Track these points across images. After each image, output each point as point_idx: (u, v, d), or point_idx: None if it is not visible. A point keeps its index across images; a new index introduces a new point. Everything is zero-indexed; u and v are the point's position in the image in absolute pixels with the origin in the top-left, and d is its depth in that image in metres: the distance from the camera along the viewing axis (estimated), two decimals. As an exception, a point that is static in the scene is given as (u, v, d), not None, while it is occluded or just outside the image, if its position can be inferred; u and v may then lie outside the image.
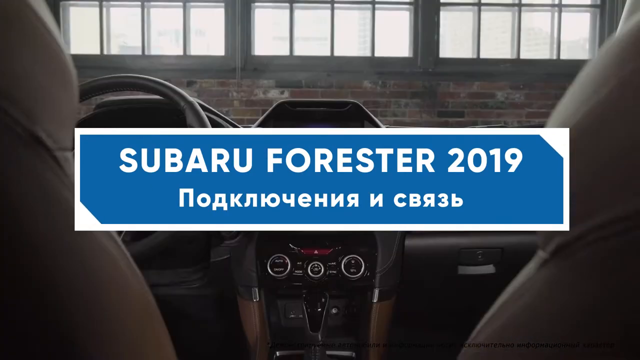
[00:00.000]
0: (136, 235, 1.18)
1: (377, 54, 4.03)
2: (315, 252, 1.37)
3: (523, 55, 4.10)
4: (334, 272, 1.36)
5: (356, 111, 1.63)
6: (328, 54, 4.02)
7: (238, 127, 1.52)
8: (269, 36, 4.27)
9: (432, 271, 1.48)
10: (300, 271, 1.36)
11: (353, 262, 1.36)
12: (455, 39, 4.29)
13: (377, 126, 1.60)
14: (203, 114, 1.23)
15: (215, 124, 1.43)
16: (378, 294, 1.36)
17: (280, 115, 1.64)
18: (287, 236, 1.38)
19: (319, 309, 1.31)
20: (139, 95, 1.44)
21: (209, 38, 4.26)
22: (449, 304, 1.61)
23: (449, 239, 1.44)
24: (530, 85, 4.01)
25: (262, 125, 1.61)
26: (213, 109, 1.47)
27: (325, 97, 3.94)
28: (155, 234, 1.15)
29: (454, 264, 1.46)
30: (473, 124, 3.98)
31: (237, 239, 1.38)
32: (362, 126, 1.65)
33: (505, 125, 3.58)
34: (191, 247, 1.43)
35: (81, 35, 4.20)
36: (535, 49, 4.28)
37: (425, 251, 1.44)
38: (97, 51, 4.02)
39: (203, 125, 1.22)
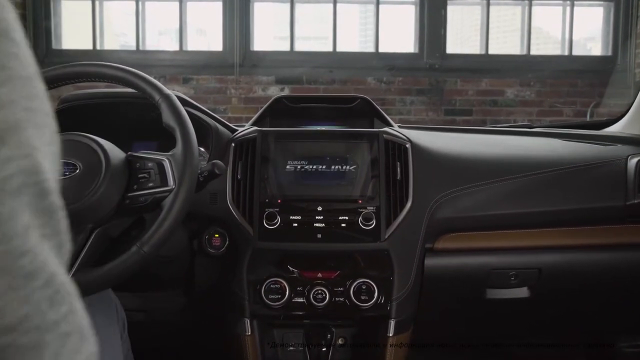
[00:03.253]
0: (100, 259, 0.93)
1: (381, 50, 3.79)
2: (319, 275, 1.12)
3: (533, 51, 3.84)
4: (341, 299, 1.11)
5: (365, 107, 1.38)
6: (330, 49, 3.77)
7: (229, 125, 1.27)
8: (269, 33, 4.03)
9: (456, 295, 1.23)
10: (301, 298, 1.11)
11: (364, 287, 1.10)
12: (462, 34, 4.04)
13: (389, 124, 1.36)
14: (182, 109, 0.98)
15: (198, 123, 1.18)
16: (395, 326, 1.11)
17: (278, 113, 1.40)
18: (284, 256, 1.13)
19: (324, 348, 1.06)
20: (111, 89, 1.19)
21: (206, 33, 4.02)
22: (474, 332, 1.36)
23: (478, 258, 1.19)
24: (541, 82, 3.76)
25: (257, 123, 1.36)
26: (197, 104, 1.22)
27: (328, 93, 3.69)
28: (123, 257, 0.90)
29: (482, 287, 1.21)
30: (482, 123, 3.74)
31: (223, 250, 1.13)
32: (372, 124, 1.40)
33: (517, 123, 3.33)
34: (172, 267, 1.18)
35: (74, 30, 3.96)
36: (546, 45, 4.02)
37: (449, 272, 1.19)
38: (89, 46, 3.77)
39: (181, 124, 0.97)
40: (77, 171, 0.93)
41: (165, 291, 1.24)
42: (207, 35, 4.02)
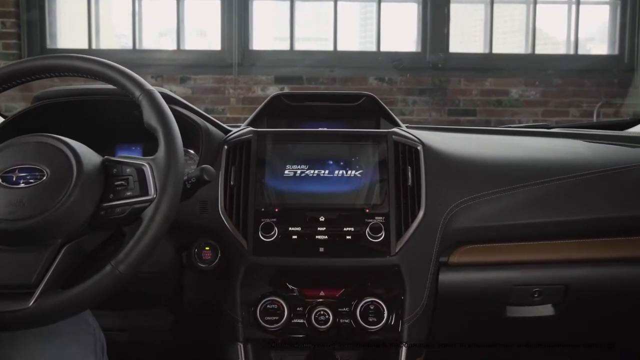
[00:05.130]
0: (71, 279, 0.79)
1: (383, 49, 3.65)
2: (321, 293, 0.99)
3: (538, 50, 3.71)
4: (347, 321, 0.98)
5: (370, 106, 1.25)
6: (331, 48, 3.63)
7: (222, 125, 1.13)
8: (269, 34, 3.90)
9: (473, 314, 1.10)
10: (301, 320, 0.98)
11: (372, 307, 0.97)
12: (466, 33, 3.90)
13: (396, 124, 1.22)
14: (165, 107, 0.85)
15: (186, 122, 1.04)
16: (406, 352, 0.97)
17: (276, 112, 1.26)
18: (282, 272, 1.00)
19: None
20: (92, 85, 1.06)
21: (207, 34, 3.88)
22: (492, 355, 1.23)
23: (498, 273, 1.06)
24: (547, 82, 3.63)
25: (254, 123, 1.22)
26: (185, 102, 1.08)
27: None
28: (95, 278, 0.76)
29: (502, 304, 1.08)
30: (486, 123, 3.60)
31: (214, 265, 1.00)
32: (378, 125, 1.27)
33: (522, 123, 3.20)
34: (157, 284, 1.04)
35: (70, 29, 3.82)
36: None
37: (465, 289, 1.06)
38: (85, 45, 3.63)
39: (164, 124, 0.83)
40: (44, 178, 0.80)
41: (150, 309, 1.10)
42: (207, 36, 3.89)
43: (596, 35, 3.93)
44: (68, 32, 3.80)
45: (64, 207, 0.77)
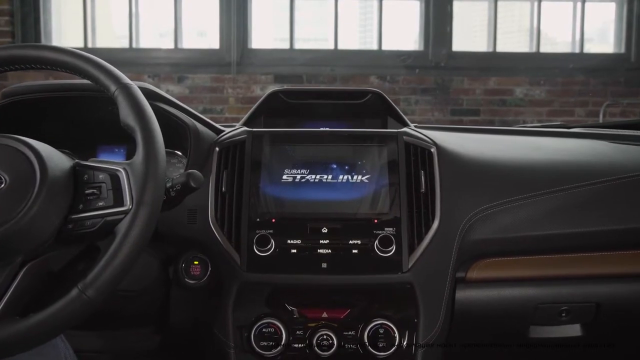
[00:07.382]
0: (33, 304, 0.67)
1: (385, 47, 3.53)
2: (324, 315, 0.87)
3: (543, 49, 3.59)
4: (353, 346, 0.86)
5: (377, 104, 1.13)
6: (331, 46, 3.51)
7: (214, 125, 1.01)
8: (269, 35, 3.79)
9: (493, 334, 0.98)
10: (302, 344, 0.86)
11: (381, 330, 0.85)
12: (469, 31, 3.78)
13: (405, 123, 1.10)
14: (145, 104, 0.73)
15: (173, 121, 0.92)
16: None
17: (274, 110, 1.14)
18: (280, 291, 0.88)
19: None
20: (71, 80, 0.93)
21: (203, 31, 3.77)
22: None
23: (521, 290, 0.93)
24: (552, 81, 3.51)
25: (249, 123, 1.10)
26: (171, 98, 0.96)
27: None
28: (59, 304, 0.64)
29: (525, 324, 0.96)
30: (489, 123, 3.48)
31: (204, 281, 0.88)
32: (385, 124, 1.15)
33: (527, 123, 3.08)
34: (139, 303, 0.92)
35: (66, 28, 3.71)
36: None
37: (485, 307, 0.93)
38: (80, 44, 3.51)
39: (143, 123, 0.71)
40: (3, 185, 0.68)
41: (133, 330, 0.98)
42: (206, 36, 3.78)
43: (595, 36, 3.81)
44: (64, 31, 3.69)
45: (25, 219, 0.65)
